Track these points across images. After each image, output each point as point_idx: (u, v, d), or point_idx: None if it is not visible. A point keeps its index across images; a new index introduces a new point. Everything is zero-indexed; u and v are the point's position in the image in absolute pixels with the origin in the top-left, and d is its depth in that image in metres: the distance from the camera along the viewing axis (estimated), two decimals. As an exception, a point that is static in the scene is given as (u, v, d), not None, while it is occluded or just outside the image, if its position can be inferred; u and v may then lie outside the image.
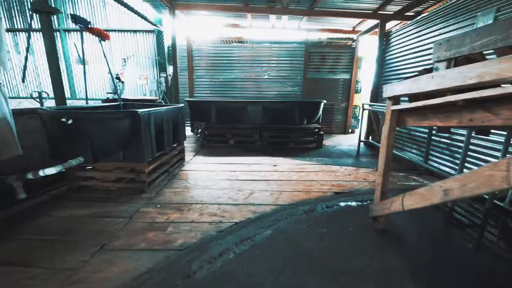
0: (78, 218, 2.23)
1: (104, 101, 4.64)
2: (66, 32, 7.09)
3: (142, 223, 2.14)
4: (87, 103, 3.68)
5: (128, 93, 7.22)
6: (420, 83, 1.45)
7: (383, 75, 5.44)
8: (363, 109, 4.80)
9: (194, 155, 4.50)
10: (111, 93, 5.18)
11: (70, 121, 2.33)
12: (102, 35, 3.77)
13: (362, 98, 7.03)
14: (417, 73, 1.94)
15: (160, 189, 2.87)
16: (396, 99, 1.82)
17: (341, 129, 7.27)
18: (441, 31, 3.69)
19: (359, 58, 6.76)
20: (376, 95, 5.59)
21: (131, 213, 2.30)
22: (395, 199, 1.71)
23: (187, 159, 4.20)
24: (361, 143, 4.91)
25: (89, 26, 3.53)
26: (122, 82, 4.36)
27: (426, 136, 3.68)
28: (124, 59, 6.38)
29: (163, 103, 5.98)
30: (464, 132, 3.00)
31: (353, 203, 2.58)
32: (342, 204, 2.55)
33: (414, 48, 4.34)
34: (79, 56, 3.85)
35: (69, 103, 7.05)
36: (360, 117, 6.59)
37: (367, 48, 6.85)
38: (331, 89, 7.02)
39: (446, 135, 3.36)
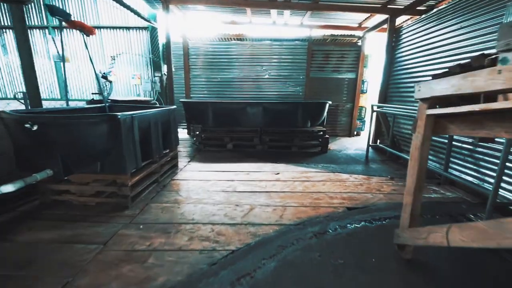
0: (44, 243, 1.86)
1: (89, 102, 4.26)
2: (56, 30, 6.72)
3: (118, 251, 1.77)
4: (67, 104, 3.31)
5: (121, 94, 6.84)
6: (477, 80, 1.08)
7: (392, 75, 5.07)
8: (372, 111, 4.44)
9: (189, 161, 4.13)
10: (96, 93, 4.80)
11: (35, 127, 1.96)
12: (85, 29, 3.40)
13: (368, 99, 6.66)
14: (446, 69, 1.59)
15: (146, 204, 2.50)
16: (433, 101, 1.45)
17: (346, 132, 6.89)
18: (461, 25, 3.33)
19: (365, 56, 6.38)
20: (385, 96, 5.22)
21: (107, 237, 1.92)
22: (435, 229, 1.33)
23: (181, 166, 3.83)
24: (369, 147, 4.53)
25: (70, 19, 3.16)
26: (110, 82, 3.98)
27: (445, 141, 3.31)
28: (113, 57, 5.98)
29: (158, 104, 5.61)
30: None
31: (370, 223, 2.20)
32: (358, 224, 2.17)
33: (428, 45, 3.97)
34: (58, 52, 3.47)
35: (58, 104, 6.71)
36: (368, 119, 6.23)
37: (374, 46, 6.48)
38: (336, 89, 6.64)
39: (471, 140, 2.99)
